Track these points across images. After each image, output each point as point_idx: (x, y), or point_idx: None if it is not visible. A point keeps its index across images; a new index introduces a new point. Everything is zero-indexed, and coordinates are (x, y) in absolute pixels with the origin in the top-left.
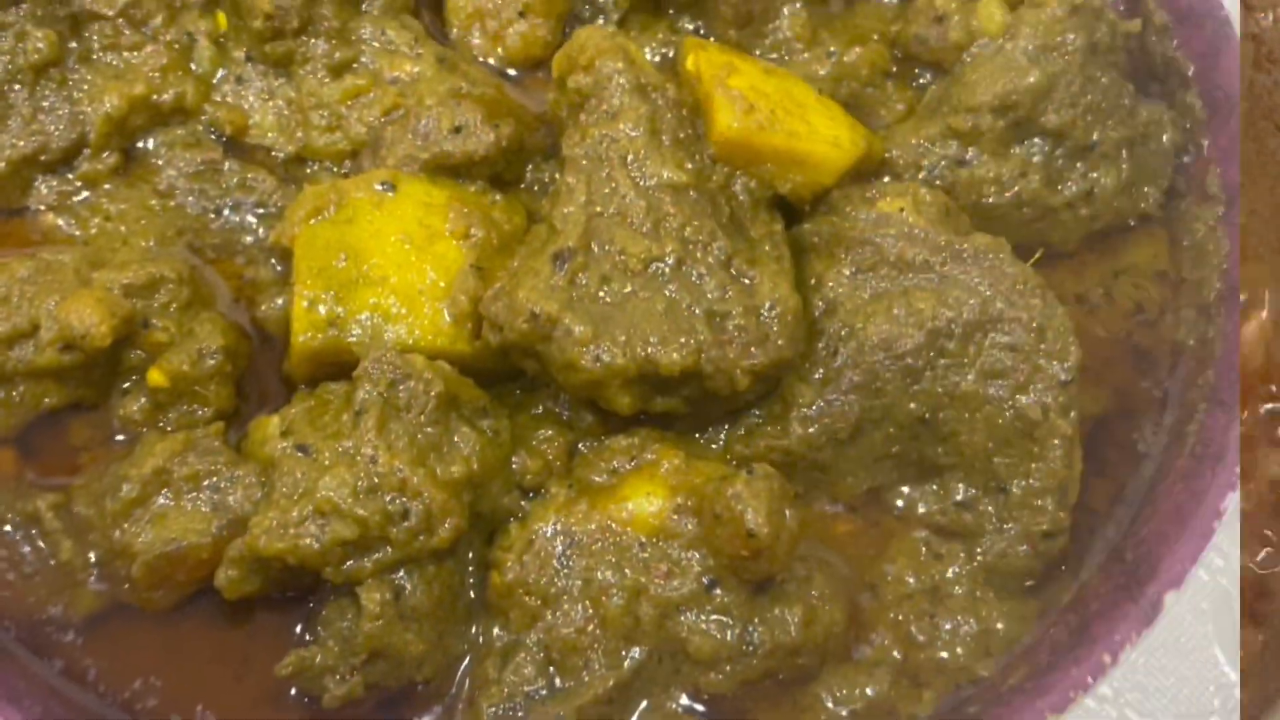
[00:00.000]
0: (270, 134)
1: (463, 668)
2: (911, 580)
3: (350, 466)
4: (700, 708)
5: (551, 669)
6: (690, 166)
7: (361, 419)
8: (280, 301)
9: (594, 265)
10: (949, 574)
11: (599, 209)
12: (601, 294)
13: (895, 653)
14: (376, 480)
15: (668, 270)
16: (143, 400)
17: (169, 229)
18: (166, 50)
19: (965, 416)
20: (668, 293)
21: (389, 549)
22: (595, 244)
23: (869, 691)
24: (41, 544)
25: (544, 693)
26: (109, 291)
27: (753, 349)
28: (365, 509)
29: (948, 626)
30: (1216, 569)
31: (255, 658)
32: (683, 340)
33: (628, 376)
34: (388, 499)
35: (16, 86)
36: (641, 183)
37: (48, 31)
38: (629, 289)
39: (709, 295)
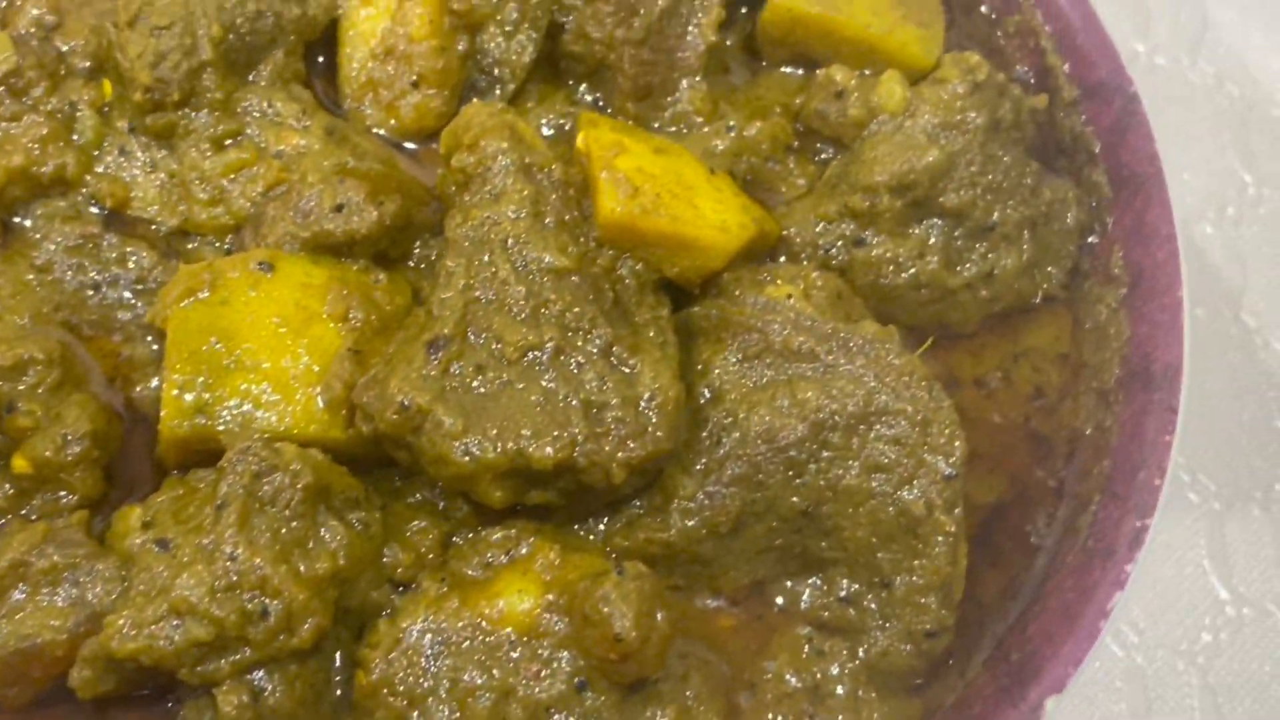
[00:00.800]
0: (152, 207)
1: None
2: (792, 679)
3: (209, 564)
4: None
5: None
6: (574, 250)
7: (223, 513)
8: (156, 382)
9: (469, 354)
10: (832, 671)
11: (478, 294)
12: (475, 384)
13: None
14: (235, 578)
15: (545, 359)
16: (6, 486)
17: (45, 305)
18: (48, 120)
19: (849, 510)
20: (544, 383)
21: (247, 649)
22: (471, 332)
23: None
24: None
25: None
26: None
27: (630, 442)
28: (222, 609)
29: None
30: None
31: None
32: (556, 433)
33: (499, 470)
34: (246, 598)
35: None
36: (522, 267)
37: None
38: (504, 379)
39: (587, 385)
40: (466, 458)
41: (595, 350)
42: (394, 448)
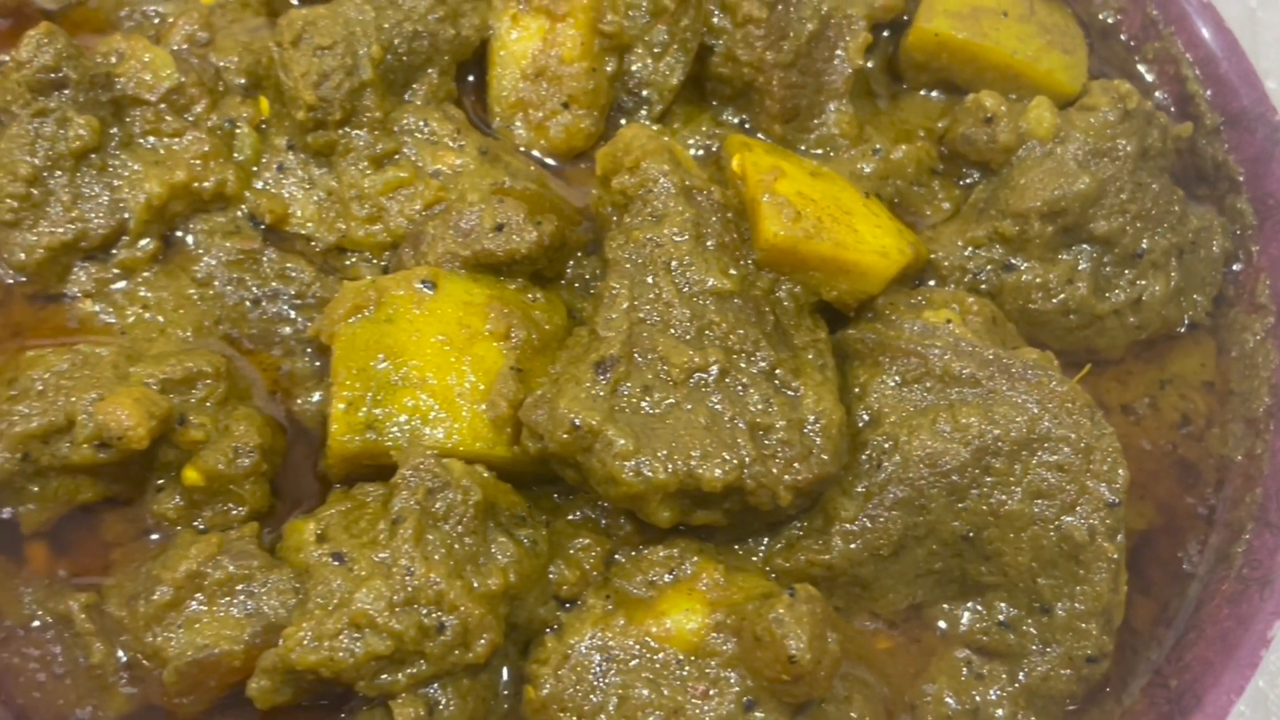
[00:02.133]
0: (310, 224)
1: None
2: (952, 701)
3: (386, 578)
4: None
5: None
6: (734, 272)
7: (398, 529)
8: (317, 396)
9: (636, 375)
10: (990, 695)
11: (642, 316)
12: (643, 405)
13: None
14: (412, 593)
15: (711, 381)
16: (177, 498)
17: (206, 318)
18: (209, 137)
19: (1010, 536)
20: (710, 404)
21: (423, 663)
22: (638, 353)
23: None
24: (73, 645)
25: None
26: (146, 389)
27: (796, 464)
28: (401, 623)
29: None
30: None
31: None
32: (725, 456)
33: (668, 491)
34: (424, 612)
35: (57, 173)
36: (685, 289)
37: (89, 117)
38: (671, 400)
39: (752, 408)
40: (637, 478)
41: (759, 373)
42: (562, 466)
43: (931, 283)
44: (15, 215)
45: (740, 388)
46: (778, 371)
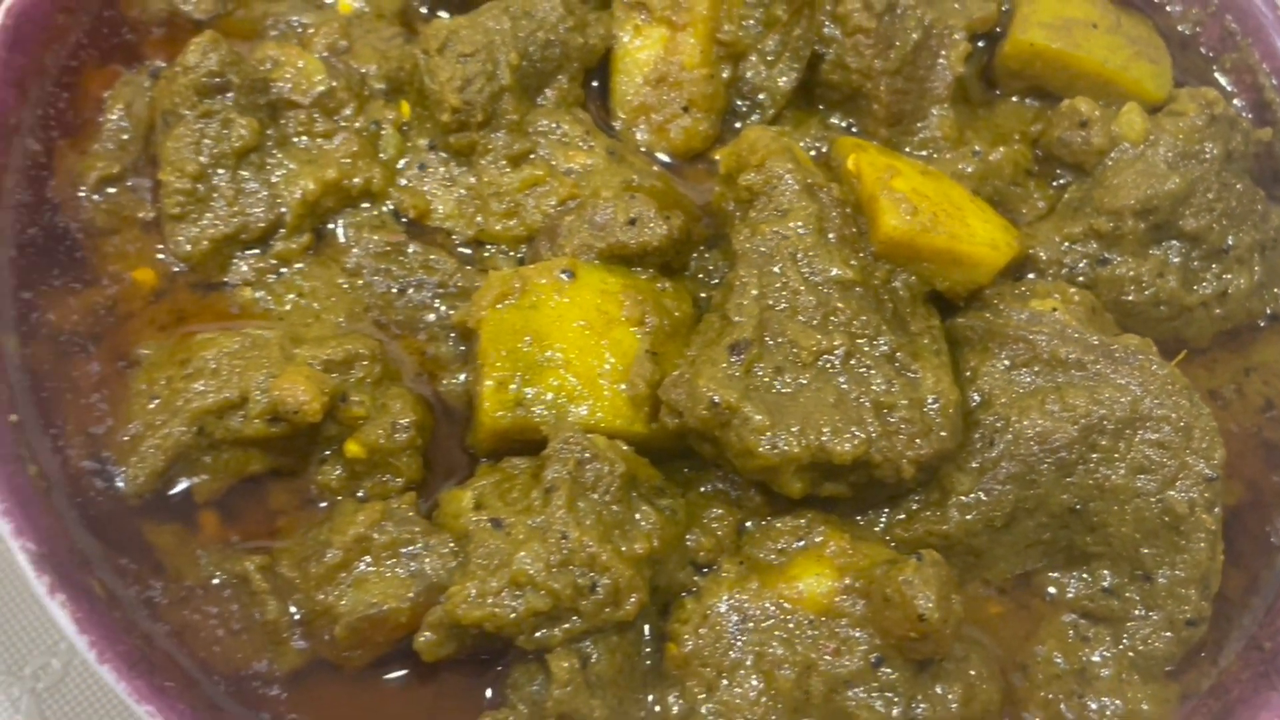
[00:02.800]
0: (450, 219)
1: None
2: (1060, 661)
3: (543, 541)
4: None
5: None
6: (855, 263)
7: (552, 497)
8: (461, 377)
9: (768, 357)
10: (1095, 657)
11: (770, 303)
12: (775, 385)
13: None
14: (567, 555)
15: (837, 363)
16: (339, 470)
17: (357, 305)
18: (356, 137)
19: (1114, 508)
20: (837, 384)
21: (577, 619)
22: (769, 336)
23: None
24: (249, 603)
25: None
26: (313, 368)
27: (918, 440)
28: (558, 582)
29: (1094, 707)
30: None
31: (441, 717)
32: (854, 431)
33: (801, 463)
34: (578, 573)
35: (220, 170)
36: (811, 278)
37: (250, 119)
38: (801, 380)
39: (875, 387)
40: (773, 451)
41: (881, 355)
42: (699, 441)
43: (1031, 276)
44: (182, 209)
45: (864, 369)
46: (898, 355)
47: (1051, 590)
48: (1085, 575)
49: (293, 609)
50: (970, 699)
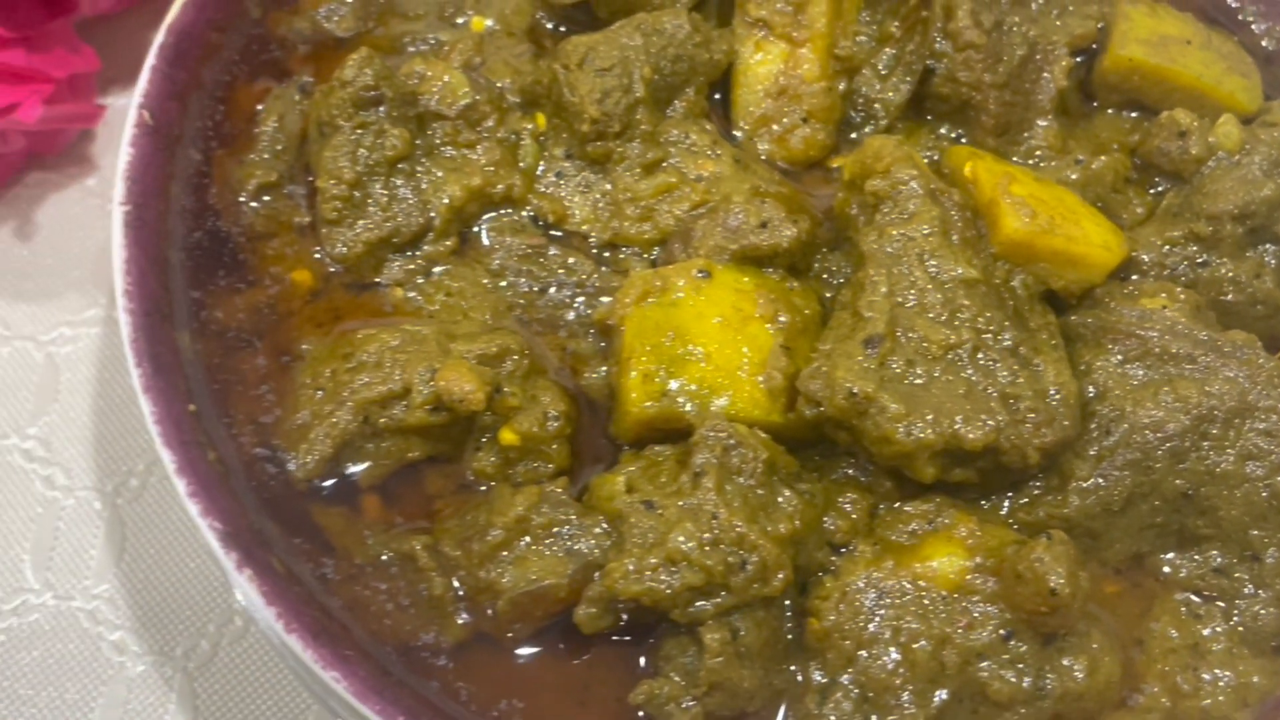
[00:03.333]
0: (586, 224)
1: (783, 703)
2: (1175, 636)
3: (695, 521)
4: None
5: (866, 705)
6: (977, 263)
7: (701, 480)
8: (602, 371)
9: (900, 351)
10: (1207, 632)
11: (900, 300)
12: (908, 377)
13: (1164, 700)
14: (718, 534)
15: (965, 356)
16: (494, 457)
17: (501, 304)
18: (498, 147)
19: (1224, 493)
20: (966, 376)
21: (727, 595)
22: (900, 331)
23: None
24: (415, 580)
25: None
26: (469, 362)
27: (1043, 429)
28: (710, 560)
29: (1208, 679)
30: None
31: (594, 688)
32: (984, 419)
33: (934, 450)
34: (728, 551)
35: (375, 178)
36: (938, 277)
37: (401, 130)
38: (934, 372)
39: (1001, 379)
40: (909, 439)
41: (1005, 349)
42: (835, 430)
43: (1135, 277)
44: (339, 214)
45: (990, 362)
46: (1020, 349)
47: (1165, 570)
48: (1196, 556)
49: (456, 585)
50: (1094, 670)
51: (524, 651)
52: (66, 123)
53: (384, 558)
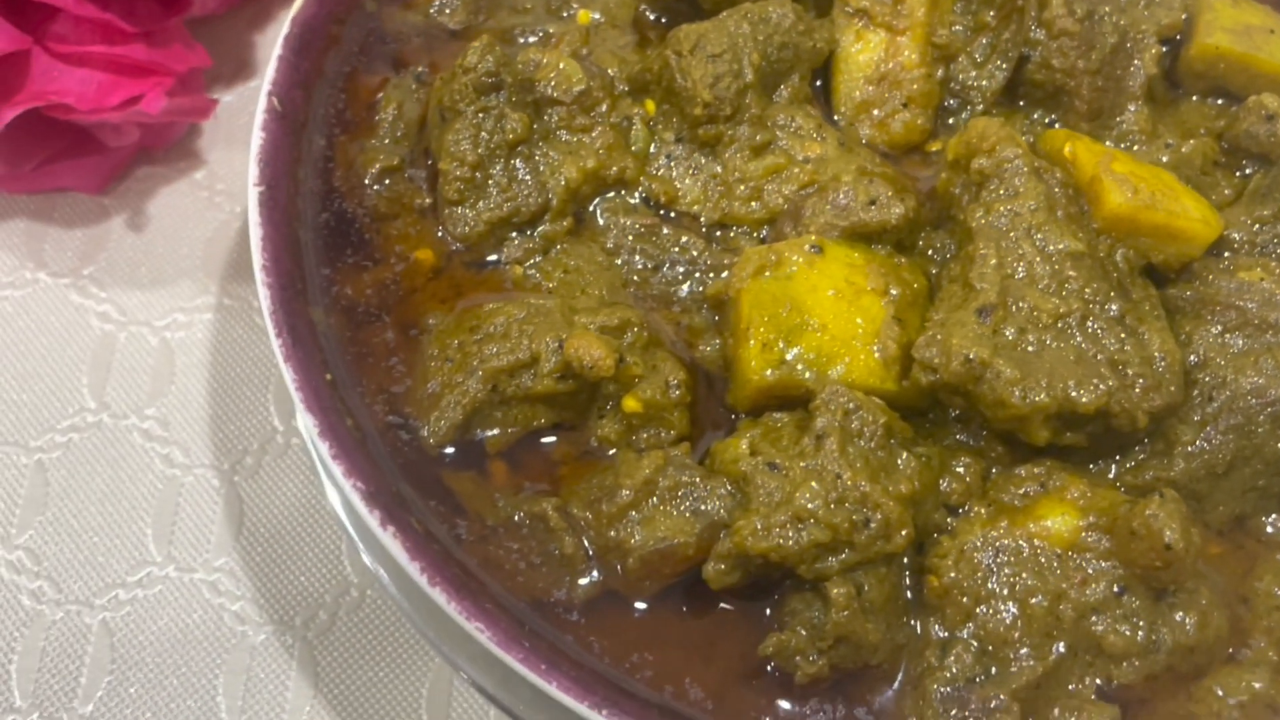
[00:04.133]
0: (696, 205)
1: (903, 658)
2: (1279, 593)
3: (820, 481)
4: (1111, 694)
5: (985, 658)
6: (1083, 236)
7: (823, 442)
8: (716, 344)
9: (1012, 319)
10: None
11: (1009, 272)
12: (1021, 344)
13: (1271, 655)
14: (843, 493)
15: (1074, 325)
16: (617, 424)
17: (616, 281)
18: (611, 130)
19: None
20: (1076, 344)
21: (851, 552)
22: (1011, 301)
23: (1255, 686)
24: (546, 539)
25: (981, 678)
26: (594, 332)
27: (1151, 394)
28: (836, 517)
29: None
30: None
31: (719, 644)
32: (1095, 383)
33: (1048, 413)
34: (852, 510)
35: (495, 159)
36: (1045, 249)
37: (520, 114)
38: (1045, 340)
39: (1110, 346)
40: (1025, 402)
41: (1112, 319)
42: (950, 396)
43: (1226, 254)
44: (460, 195)
45: (1099, 330)
46: (1126, 318)
47: (1268, 531)
48: None
49: (585, 544)
50: (1204, 625)
51: (652, 610)
52: (183, 116)
53: (515, 519)
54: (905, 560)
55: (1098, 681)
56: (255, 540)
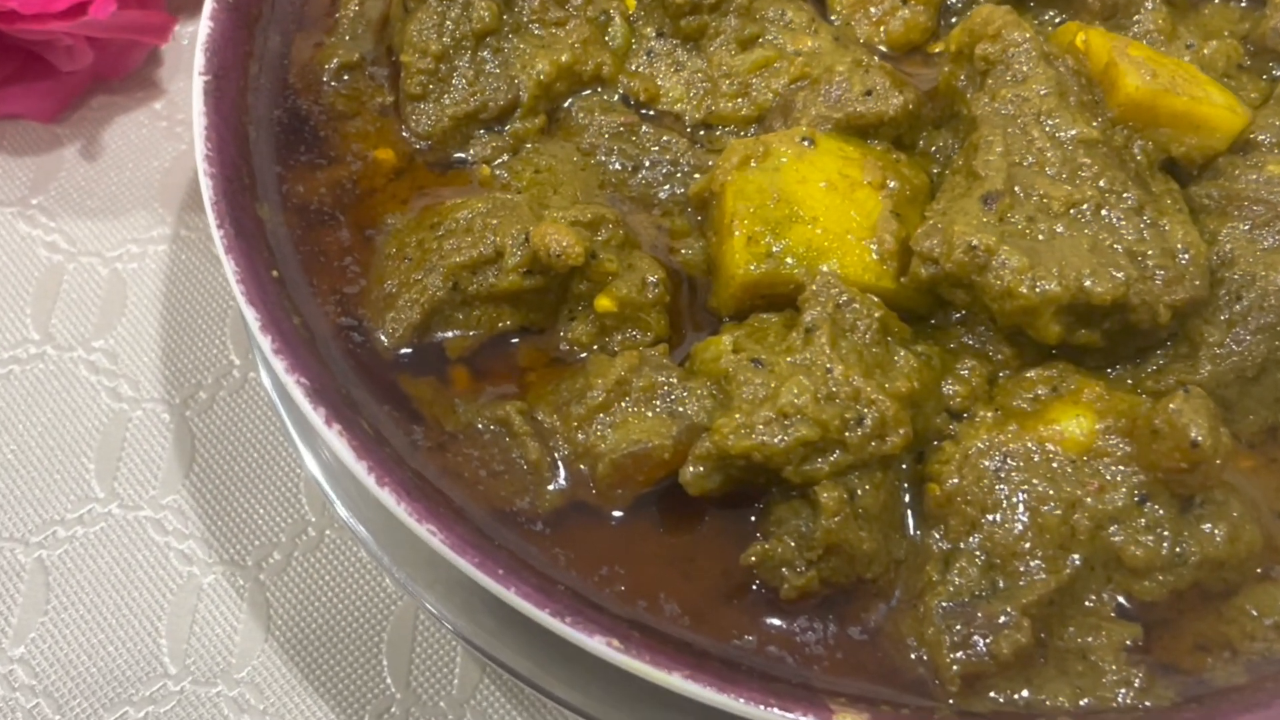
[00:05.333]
0: (679, 103)
1: (901, 572)
2: None
3: (808, 376)
4: (1133, 612)
5: (993, 572)
6: (1097, 124)
7: (813, 336)
8: (699, 245)
9: (1019, 207)
10: None
11: (1017, 159)
12: (1030, 232)
13: None
14: (833, 389)
15: (1088, 213)
16: (589, 325)
17: (592, 182)
18: (587, 24)
19: None
20: (1090, 233)
21: (843, 452)
22: (1019, 188)
23: None
24: (510, 446)
25: (987, 592)
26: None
27: (1173, 286)
28: (826, 413)
29: None
30: None
31: (700, 560)
32: (1113, 272)
33: (1061, 305)
34: (844, 406)
35: (461, 51)
36: (1056, 135)
37: (489, 2)
38: (1056, 228)
39: (1127, 236)
40: (1033, 292)
41: (1129, 209)
42: (952, 290)
43: (1254, 155)
44: (423, 88)
45: (1116, 220)
46: (1145, 210)
47: None
48: None
49: (553, 450)
50: (1235, 538)
51: (625, 521)
52: (137, 34)
53: (477, 425)
54: (904, 467)
55: (1119, 598)
56: (207, 478)
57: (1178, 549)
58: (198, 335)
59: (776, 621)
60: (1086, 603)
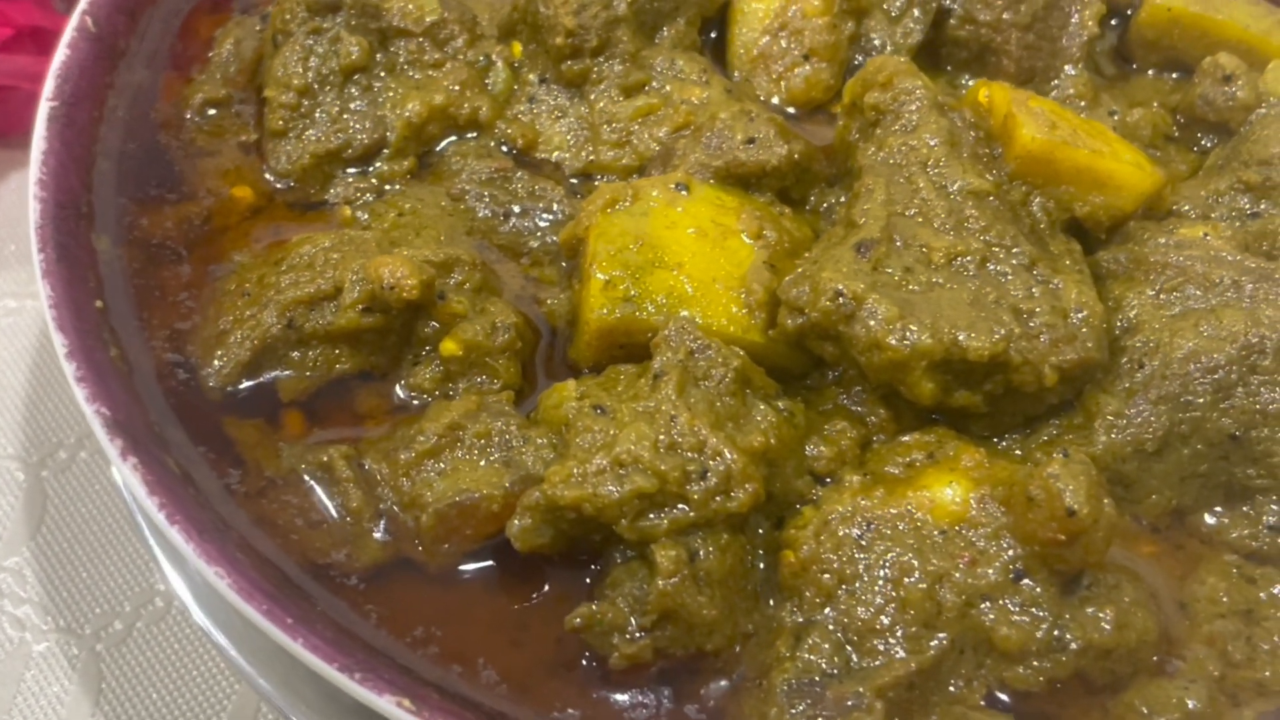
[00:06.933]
0: (558, 151)
1: (749, 647)
2: (1225, 600)
3: (650, 423)
4: (1006, 703)
5: (848, 649)
6: (990, 177)
7: (660, 383)
8: (564, 296)
9: (896, 257)
10: (1262, 597)
11: (899, 209)
12: (905, 283)
13: (1211, 669)
14: (677, 439)
15: (972, 266)
16: (434, 368)
17: (459, 228)
18: (466, 68)
19: (1279, 435)
20: (972, 286)
21: (685, 508)
22: (898, 238)
23: (1189, 704)
24: (331, 494)
25: (840, 671)
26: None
27: (1062, 345)
28: (665, 464)
29: (1265, 647)
30: None
31: (533, 625)
32: (992, 327)
33: (933, 359)
34: (687, 457)
35: (327, 87)
36: (943, 186)
37: (360, 38)
38: (935, 280)
39: (1014, 293)
40: (901, 343)
41: (1019, 264)
42: (819, 340)
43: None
44: (285, 124)
45: (1002, 275)
46: (1037, 267)
47: (1210, 522)
48: (1249, 511)
49: (378, 501)
50: (1125, 625)
51: (454, 580)
52: (24, 81)
53: (300, 469)
54: (761, 533)
55: (991, 686)
56: (54, 540)
57: (1055, 633)
58: (65, 394)
59: (607, 695)
60: (951, 688)
